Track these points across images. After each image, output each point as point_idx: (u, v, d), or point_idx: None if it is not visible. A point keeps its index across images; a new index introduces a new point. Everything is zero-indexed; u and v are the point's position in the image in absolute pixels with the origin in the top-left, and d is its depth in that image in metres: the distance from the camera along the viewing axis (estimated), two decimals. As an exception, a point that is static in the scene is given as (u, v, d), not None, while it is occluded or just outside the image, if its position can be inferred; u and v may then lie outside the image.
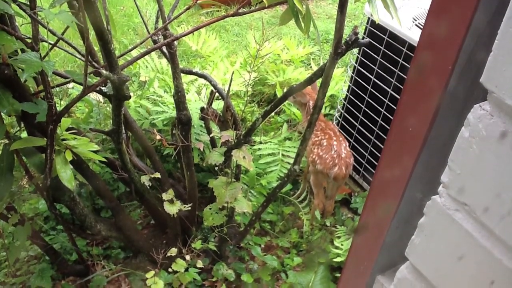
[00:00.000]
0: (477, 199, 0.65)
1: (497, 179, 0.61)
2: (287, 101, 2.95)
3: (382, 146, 0.89)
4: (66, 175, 1.47)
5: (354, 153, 2.61)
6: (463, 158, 0.65)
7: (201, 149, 2.32)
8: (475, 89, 0.63)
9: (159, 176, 1.79)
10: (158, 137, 1.72)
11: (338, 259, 2.14)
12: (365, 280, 1.02)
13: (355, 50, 2.51)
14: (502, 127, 0.57)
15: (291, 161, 1.77)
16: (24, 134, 1.62)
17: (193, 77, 2.79)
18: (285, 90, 2.63)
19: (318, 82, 1.53)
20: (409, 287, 0.82)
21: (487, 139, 0.60)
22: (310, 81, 1.54)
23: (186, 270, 1.92)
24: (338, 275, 2.12)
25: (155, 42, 1.63)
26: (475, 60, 0.64)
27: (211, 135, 1.98)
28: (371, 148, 2.49)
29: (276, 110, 2.32)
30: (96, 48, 1.70)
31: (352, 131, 2.61)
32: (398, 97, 0.84)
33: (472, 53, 0.65)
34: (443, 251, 0.73)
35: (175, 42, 1.63)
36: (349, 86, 2.59)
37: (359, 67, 2.47)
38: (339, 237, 2.30)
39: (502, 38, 0.55)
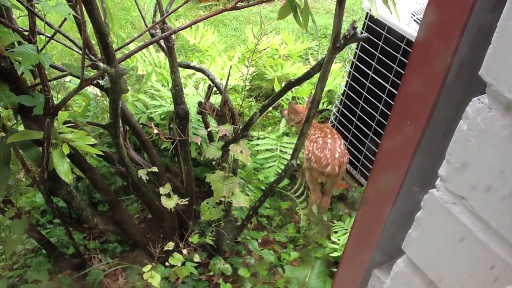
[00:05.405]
0: (474, 192, 0.65)
1: (496, 171, 0.61)
2: (284, 97, 2.95)
3: (380, 141, 0.89)
4: (63, 168, 1.46)
5: (352, 148, 2.61)
6: (461, 152, 0.65)
7: (199, 143, 2.32)
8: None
9: (156, 170, 1.79)
10: (155, 131, 1.72)
11: (335, 254, 2.15)
12: (361, 274, 1.02)
13: (354, 45, 2.50)
14: (506, 100, 0.57)
15: (289, 157, 1.78)
16: (21, 127, 1.61)
17: (190, 71, 2.79)
18: (283, 84, 2.63)
19: (316, 77, 1.52)
20: (406, 281, 0.82)
21: (486, 132, 0.60)
22: (308, 75, 1.54)
23: (183, 264, 1.92)
24: (335, 270, 2.13)
25: (152, 35, 1.63)
26: (486, 24, 0.63)
27: (208, 129, 1.98)
28: (369, 144, 2.49)
29: (273, 105, 2.32)
30: (94, 41, 1.69)
31: (350, 126, 2.62)
32: (396, 92, 0.84)
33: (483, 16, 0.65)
34: (440, 244, 0.73)
35: (173, 36, 1.62)
36: (347, 81, 2.58)
37: (357, 62, 2.46)
38: (336, 232, 2.30)
39: (501, 30, 0.55)
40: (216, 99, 2.41)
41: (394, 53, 2.18)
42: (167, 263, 1.85)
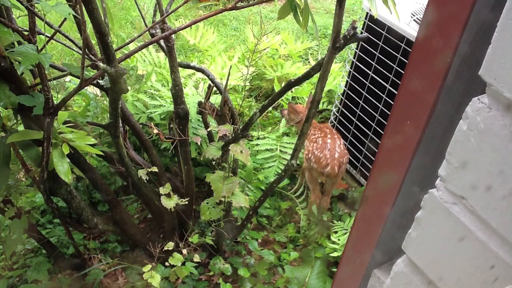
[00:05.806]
0: (474, 192, 0.65)
1: (496, 170, 0.61)
2: (284, 97, 2.95)
3: (380, 141, 0.89)
4: (63, 168, 1.46)
5: (352, 148, 2.61)
6: (460, 151, 0.65)
7: (199, 143, 2.32)
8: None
9: (156, 170, 1.79)
10: (155, 131, 1.71)
11: (335, 254, 2.15)
12: (361, 274, 1.02)
13: (354, 45, 2.50)
14: (506, 100, 0.57)
15: (289, 157, 1.77)
16: (20, 127, 1.61)
17: (190, 71, 2.79)
18: (283, 84, 2.63)
19: (316, 77, 1.52)
20: (406, 281, 0.82)
21: (486, 132, 0.60)
22: (308, 75, 1.53)
23: (183, 264, 1.92)
24: (335, 270, 2.13)
25: (152, 35, 1.63)
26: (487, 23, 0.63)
27: (208, 129, 1.98)
28: (369, 144, 2.49)
29: (273, 105, 2.32)
30: (94, 41, 1.69)
31: (350, 126, 2.62)
32: (396, 92, 0.84)
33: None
34: (440, 244, 0.73)
35: (173, 36, 1.62)
36: (347, 81, 2.58)
37: (357, 62, 2.46)
38: (336, 232, 2.30)
39: (501, 30, 0.55)
40: (216, 99, 2.41)
41: (394, 53, 2.18)
42: (167, 263, 1.85)
